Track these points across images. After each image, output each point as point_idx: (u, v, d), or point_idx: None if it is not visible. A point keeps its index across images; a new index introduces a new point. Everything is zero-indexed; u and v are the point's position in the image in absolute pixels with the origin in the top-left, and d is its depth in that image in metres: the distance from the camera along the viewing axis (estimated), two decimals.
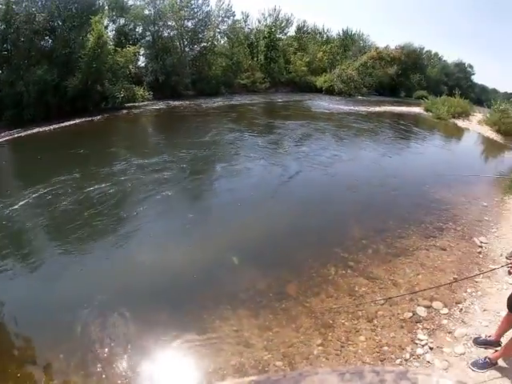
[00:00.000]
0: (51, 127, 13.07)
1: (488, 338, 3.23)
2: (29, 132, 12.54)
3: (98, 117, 14.54)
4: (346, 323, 3.76)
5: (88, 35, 14.92)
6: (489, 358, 2.97)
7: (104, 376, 3.13)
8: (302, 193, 7.55)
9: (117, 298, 4.13)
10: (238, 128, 13.46)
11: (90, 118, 14.32)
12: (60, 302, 4.09)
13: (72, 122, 13.70)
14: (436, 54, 40.27)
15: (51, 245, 5.51)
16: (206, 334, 3.57)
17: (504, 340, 3.10)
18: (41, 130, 12.72)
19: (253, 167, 8.98)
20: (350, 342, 3.48)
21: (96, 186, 7.30)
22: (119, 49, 16.80)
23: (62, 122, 13.52)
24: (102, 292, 4.22)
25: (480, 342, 3.24)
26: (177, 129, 12.79)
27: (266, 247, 5.34)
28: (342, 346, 3.43)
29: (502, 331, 3.12)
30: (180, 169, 8.63)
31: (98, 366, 3.22)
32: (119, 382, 3.08)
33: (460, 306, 3.97)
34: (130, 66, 17.66)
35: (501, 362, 2.98)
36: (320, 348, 3.40)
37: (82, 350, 3.39)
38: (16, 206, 6.47)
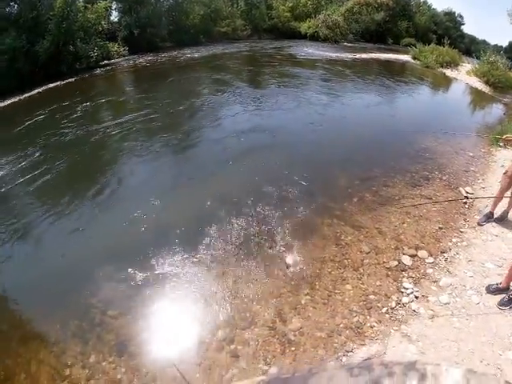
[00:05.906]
0: (25, 96, 11.73)
1: (499, 286, 3.30)
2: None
3: (73, 79, 13.33)
4: (333, 272, 3.73)
5: None
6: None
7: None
8: (286, 145, 7.02)
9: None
10: (221, 80, 12.36)
11: (65, 81, 13.03)
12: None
13: (45, 88, 12.43)
14: (425, 2, 38.49)
15: None
16: (203, 289, 3.48)
17: None
18: (12, 101, 11.36)
19: (237, 119, 8.31)
20: (336, 291, 3.47)
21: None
22: (89, 5, 15.48)
23: (35, 89, 12.23)
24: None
25: (493, 290, 3.31)
26: (156, 84, 11.82)
27: (250, 199, 5.08)
28: (329, 295, 3.42)
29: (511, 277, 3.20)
30: (164, 124, 8.02)
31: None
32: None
33: (445, 255, 3.98)
34: (103, 22, 16.30)
35: None
36: (307, 297, 3.38)
37: None
38: None
